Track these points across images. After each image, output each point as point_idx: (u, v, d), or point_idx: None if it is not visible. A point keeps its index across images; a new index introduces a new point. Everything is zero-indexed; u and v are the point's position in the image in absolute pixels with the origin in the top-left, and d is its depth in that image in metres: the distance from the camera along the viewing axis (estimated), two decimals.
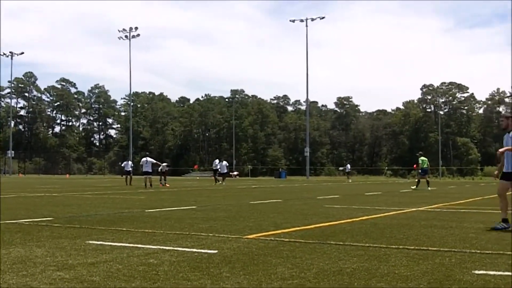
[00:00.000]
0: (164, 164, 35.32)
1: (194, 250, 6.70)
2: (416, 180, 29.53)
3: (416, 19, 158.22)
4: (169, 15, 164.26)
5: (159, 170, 34.20)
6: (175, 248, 6.79)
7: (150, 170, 31.25)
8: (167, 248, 6.83)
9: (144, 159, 31.99)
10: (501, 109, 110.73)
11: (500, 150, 9.15)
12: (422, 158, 29.14)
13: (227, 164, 40.17)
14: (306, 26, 71.32)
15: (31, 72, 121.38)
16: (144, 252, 6.52)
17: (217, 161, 39.41)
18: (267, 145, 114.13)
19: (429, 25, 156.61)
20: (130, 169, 35.48)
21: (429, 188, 27.85)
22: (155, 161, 32.77)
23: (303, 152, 78.77)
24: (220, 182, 37.40)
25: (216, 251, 6.59)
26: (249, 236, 8.04)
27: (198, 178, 67.94)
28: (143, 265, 5.65)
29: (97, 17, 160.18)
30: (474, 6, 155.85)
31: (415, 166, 30.28)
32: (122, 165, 38.02)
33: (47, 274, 5.17)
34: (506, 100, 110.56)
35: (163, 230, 8.77)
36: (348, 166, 57.24)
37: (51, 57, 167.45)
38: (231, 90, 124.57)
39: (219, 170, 38.68)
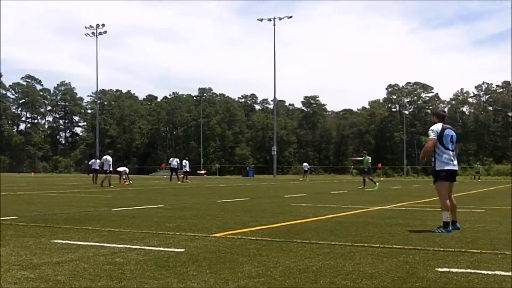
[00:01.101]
0: (123, 169, 35.51)
1: (161, 248, 6.69)
2: (373, 180, 29.94)
3: (382, 19, 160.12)
4: (136, 13, 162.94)
5: (117, 170, 34.56)
6: (142, 247, 6.77)
7: (111, 169, 31.47)
8: (133, 247, 6.81)
9: (104, 157, 32.23)
10: (465, 109, 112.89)
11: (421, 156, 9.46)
12: (369, 157, 29.97)
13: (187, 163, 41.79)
14: (274, 25, 71.49)
15: None
16: (111, 251, 6.49)
17: (178, 160, 40.17)
18: (234, 144, 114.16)
19: (395, 26, 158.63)
20: (98, 167, 35.17)
21: (365, 188, 27.66)
22: (111, 162, 32.64)
23: (270, 150, 78.97)
24: (181, 180, 38.49)
25: (183, 250, 6.59)
26: (216, 235, 8.06)
27: (165, 176, 67.34)
28: (109, 264, 5.62)
29: (64, 13, 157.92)
30: (438, 7, 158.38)
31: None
32: (90, 163, 37.76)
33: (11, 274, 5.11)
34: (470, 100, 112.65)
35: (130, 229, 8.73)
36: (306, 164, 60.87)
37: (16, 53, 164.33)
38: (199, 88, 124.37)
39: (184, 168, 40.21)
